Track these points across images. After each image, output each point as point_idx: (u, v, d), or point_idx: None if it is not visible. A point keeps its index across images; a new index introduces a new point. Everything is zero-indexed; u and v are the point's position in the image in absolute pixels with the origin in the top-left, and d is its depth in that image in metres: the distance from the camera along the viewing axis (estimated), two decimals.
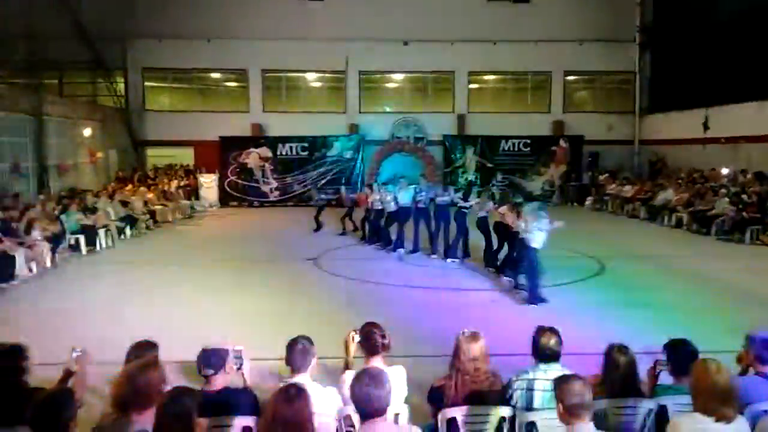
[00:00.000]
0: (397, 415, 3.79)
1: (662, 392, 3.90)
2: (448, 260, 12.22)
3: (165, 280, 10.69)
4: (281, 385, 3.20)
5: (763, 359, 3.92)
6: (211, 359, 3.68)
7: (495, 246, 11.33)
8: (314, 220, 16.18)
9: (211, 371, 3.65)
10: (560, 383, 3.12)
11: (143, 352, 3.81)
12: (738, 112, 19.27)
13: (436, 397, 3.93)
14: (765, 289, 9.86)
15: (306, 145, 22.82)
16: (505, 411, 3.80)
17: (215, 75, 25.49)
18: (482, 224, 11.58)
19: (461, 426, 3.74)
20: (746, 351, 4.07)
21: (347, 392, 3.26)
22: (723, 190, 16.60)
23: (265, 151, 22.62)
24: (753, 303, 8.91)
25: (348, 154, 22.95)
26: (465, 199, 12.34)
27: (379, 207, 13.67)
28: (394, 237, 13.39)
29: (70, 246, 12.90)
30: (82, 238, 13.08)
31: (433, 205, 12.85)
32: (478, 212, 11.80)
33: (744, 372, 4.15)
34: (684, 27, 21.90)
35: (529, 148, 23.34)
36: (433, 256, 12.66)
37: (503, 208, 10.92)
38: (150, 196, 18.17)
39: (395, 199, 13.19)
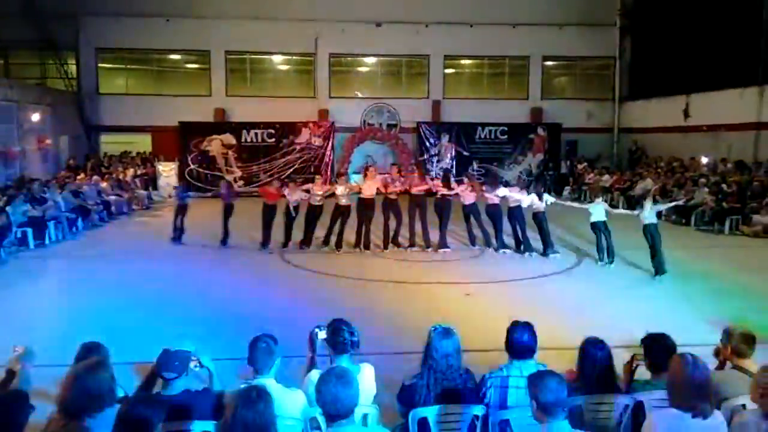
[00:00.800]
0: (365, 415, 3.72)
1: (639, 387, 3.89)
2: (441, 251, 12.01)
3: (119, 276, 10.30)
4: (242, 386, 3.10)
5: (741, 353, 3.96)
6: (173, 362, 3.53)
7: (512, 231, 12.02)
8: (173, 225, 13.33)
9: (174, 375, 3.50)
10: (534, 380, 3.07)
11: (93, 354, 3.63)
12: (719, 99, 19.23)
13: (407, 396, 3.84)
14: (744, 280, 9.86)
15: (272, 131, 22.02)
16: (477, 409, 3.73)
17: (175, 56, 24.70)
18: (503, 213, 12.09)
19: (433, 426, 3.67)
20: (724, 345, 4.09)
21: (313, 393, 3.16)
22: (702, 180, 16.71)
23: (229, 138, 21.74)
24: (732, 295, 8.93)
25: (317, 142, 22.24)
26: (448, 187, 12.23)
27: (318, 202, 12.30)
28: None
29: (17, 239, 12.44)
30: (29, 231, 12.65)
31: (408, 195, 12.52)
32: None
33: (721, 366, 4.16)
34: (665, 11, 21.70)
35: (506, 136, 22.89)
36: (414, 249, 12.27)
37: (503, 190, 12.06)
38: (104, 185, 17.54)
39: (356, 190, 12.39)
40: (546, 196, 11.82)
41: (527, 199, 11.69)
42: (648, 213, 10.02)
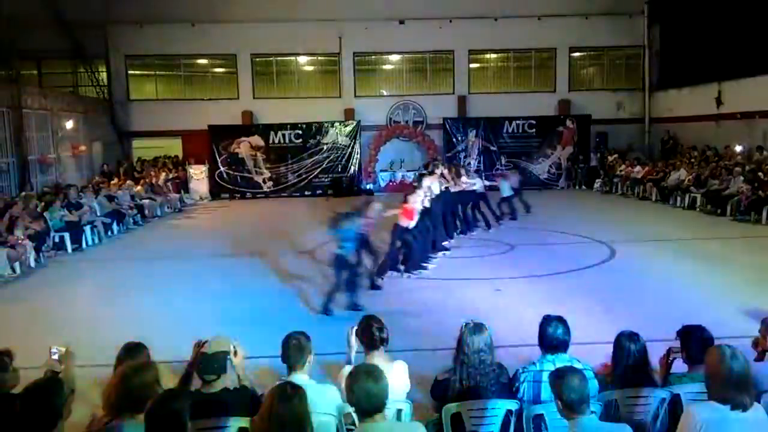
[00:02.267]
0: (399, 411, 3.75)
1: (676, 381, 3.85)
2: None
3: (155, 278, 10.44)
4: (277, 383, 3.14)
5: None
6: (213, 365, 3.61)
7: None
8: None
9: (214, 377, 3.59)
10: (556, 379, 3.07)
11: (134, 354, 3.76)
12: (753, 85, 18.64)
13: (440, 392, 3.88)
14: None
15: (300, 132, 22.16)
16: (511, 404, 3.73)
17: (202, 61, 24.73)
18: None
19: (466, 421, 3.67)
20: (763, 335, 4.06)
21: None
22: (737, 169, 16.31)
23: (257, 140, 21.94)
24: None
25: (344, 141, 22.28)
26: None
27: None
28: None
29: (55, 244, 12.62)
30: (67, 236, 12.78)
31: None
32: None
33: (760, 357, 4.10)
34: None
35: (534, 130, 22.60)
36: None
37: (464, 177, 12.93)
38: (137, 189, 17.80)
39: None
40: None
41: (479, 183, 13.34)
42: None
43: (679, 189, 17.41)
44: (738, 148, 18.78)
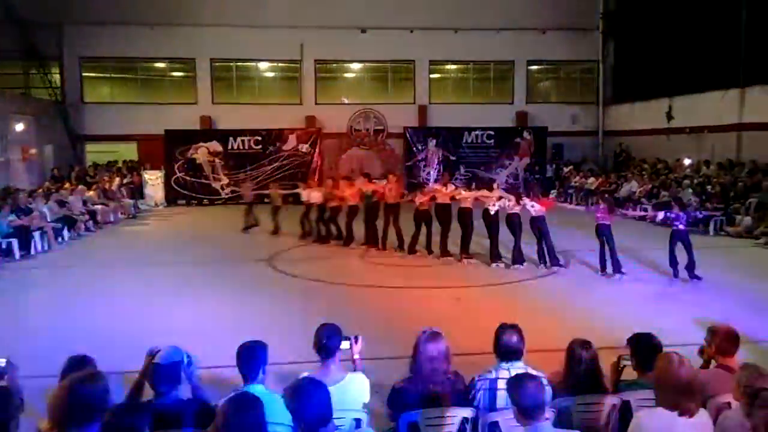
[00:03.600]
0: (358, 420, 3.72)
1: (626, 387, 3.92)
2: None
3: (106, 286, 10.17)
4: (232, 393, 3.11)
5: (725, 352, 3.97)
6: (166, 375, 3.48)
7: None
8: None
9: (167, 388, 3.47)
10: (513, 386, 3.10)
11: (80, 368, 3.51)
12: (701, 101, 19.42)
13: (397, 400, 3.82)
14: (728, 281, 9.98)
15: (259, 138, 22.03)
16: (466, 412, 3.73)
17: (160, 64, 24.46)
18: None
19: (423, 429, 3.66)
20: (708, 344, 4.12)
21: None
22: (686, 181, 16.78)
23: (215, 146, 21.72)
24: (717, 295, 9.03)
25: (304, 148, 22.19)
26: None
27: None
28: None
29: (2, 250, 12.31)
30: (15, 242, 12.46)
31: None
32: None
33: (706, 365, 4.17)
34: (647, 15, 21.88)
35: (492, 140, 22.95)
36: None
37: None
38: (90, 194, 17.38)
39: None
40: None
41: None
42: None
43: (631, 200, 17.81)
44: (687, 162, 19.42)
